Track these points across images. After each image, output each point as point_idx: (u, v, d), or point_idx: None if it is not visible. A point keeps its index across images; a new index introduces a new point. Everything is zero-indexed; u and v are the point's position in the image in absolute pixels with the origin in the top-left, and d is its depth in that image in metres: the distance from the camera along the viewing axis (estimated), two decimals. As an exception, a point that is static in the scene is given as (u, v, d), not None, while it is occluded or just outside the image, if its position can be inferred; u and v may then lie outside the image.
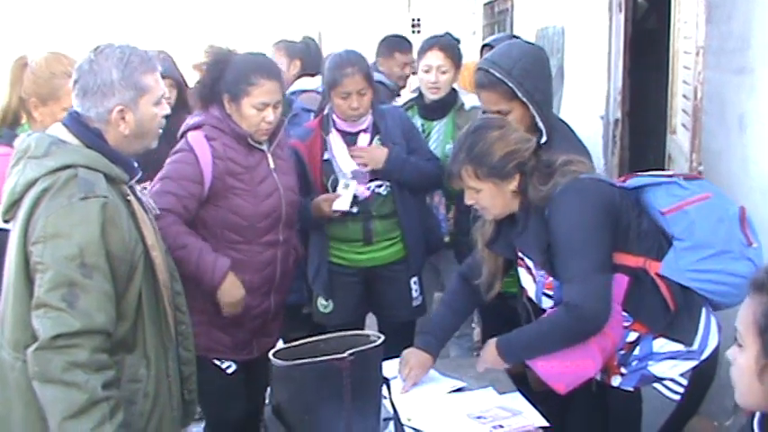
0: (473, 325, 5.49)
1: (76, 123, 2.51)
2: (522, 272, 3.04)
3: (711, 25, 3.75)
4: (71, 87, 2.55)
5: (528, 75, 3.27)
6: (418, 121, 4.42)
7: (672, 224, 2.83)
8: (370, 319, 4.29)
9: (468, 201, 2.97)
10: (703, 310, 2.86)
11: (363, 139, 4.00)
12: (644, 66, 6.10)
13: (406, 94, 5.45)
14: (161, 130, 2.66)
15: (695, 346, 2.83)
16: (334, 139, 3.98)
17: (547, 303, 2.95)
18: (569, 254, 2.76)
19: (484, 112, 3.44)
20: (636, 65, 5.80)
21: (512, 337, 2.93)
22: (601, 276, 2.74)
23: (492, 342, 2.97)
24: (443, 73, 4.41)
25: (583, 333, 2.77)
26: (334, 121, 4.01)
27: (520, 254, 3.00)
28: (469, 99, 4.47)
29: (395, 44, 5.73)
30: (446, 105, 4.44)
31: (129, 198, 2.54)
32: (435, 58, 4.42)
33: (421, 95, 4.52)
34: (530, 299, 3.08)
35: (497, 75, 3.26)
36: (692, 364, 2.84)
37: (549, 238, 2.81)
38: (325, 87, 4.03)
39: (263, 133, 3.47)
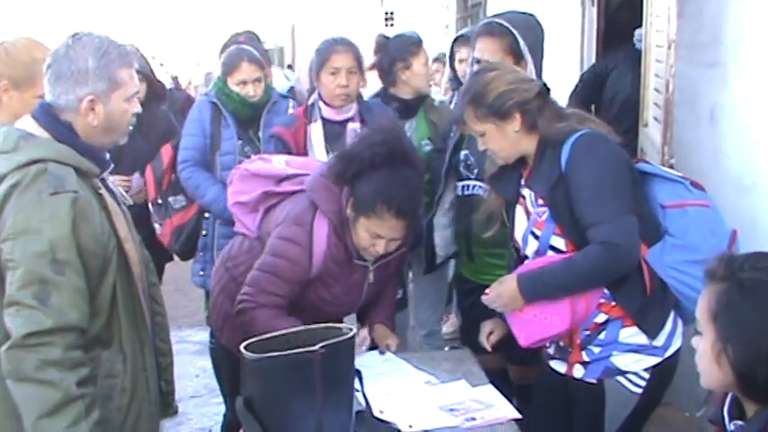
0: (443, 325, 5.50)
1: (46, 116, 2.46)
2: (518, 211, 3.02)
3: (683, 19, 3.76)
4: (44, 72, 2.49)
5: (529, 32, 3.52)
6: None
7: (669, 219, 2.84)
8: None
9: (480, 146, 2.99)
10: (673, 313, 2.90)
11: (351, 128, 4.00)
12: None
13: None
14: (131, 127, 2.61)
15: (660, 342, 2.85)
16: (315, 130, 3.98)
17: (531, 246, 2.93)
18: (600, 195, 2.75)
19: (478, 62, 3.52)
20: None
21: (535, 273, 2.87)
22: (632, 217, 2.76)
23: (511, 277, 2.91)
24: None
25: (617, 271, 2.78)
26: (319, 109, 4.01)
27: (524, 191, 3.00)
28: (434, 94, 4.56)
29: None
30: (416, 104, 4.40)
31: (100, 191, 2.49)
32: (423, 54, 4.45)
33: (386, 93, 4.44)
34: (516, 249, 3.10)
35: (504, 23, 3.48)
36: (656, 360, 2.86)
37: (566, 179, 2.80)
38: (312, 70, 4.02)
39: (370, 256, 3.20)
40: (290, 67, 11.88)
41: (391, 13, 11.78)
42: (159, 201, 4.67)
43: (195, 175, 4.46)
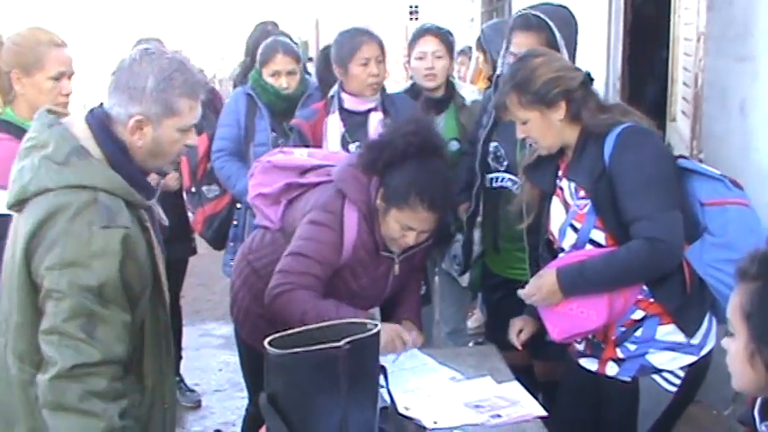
0: (468, 322, 5.47)
1: (102, 129, 2.36)
2: (555, 202, 2.99)
3: (713, 12, 3.72)
4: (110, 79, 2.38)
5: (564, 25, 3.50)
6: None
7: (708, 217, 2.80)
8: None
9: (520, 134, 2.94)
10: (709, 313, 2.87)
11: (375, 118, 3.99)
12: (643, 52, 6.07)
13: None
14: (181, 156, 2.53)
15: (696, 340, 2.83)
16: (332, 121, 3.97)
17: (569, 239, 2.89)
18: (646, 190, 2.72)
19: (514, 56, 3.47)
20: (635, 51, 5.76)
21: (575, 268, 2.82)
22: (677, 213, 2.73)
23: (550, 272, 2.87)
24: (438, 58, 4.31)
25: (661, 268, 2.75)
26: (341, 100, 4.00)
27: (561, 183, 2.96)
28: (468, 92, 4.45)
29: None
30: (444, 100, 4.35)
31: (146, 224, 2.42)
32: (429, 43, 4.33)
33: (414, 89, 4.42)
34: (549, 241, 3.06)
35: (540, 16, 3.46)
36: (692, 359, 2.83)
37: (611, 173, 2.76)
38: (337, 62, 4.00)
39: (398, 248, 3.17)
40: (310, 59, 11.83)
41: (416, 7, 11.75)
42: (193, 189, 4.73)
43: (228, 165, 4.48)
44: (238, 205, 4.56)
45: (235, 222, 4.61)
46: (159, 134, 2.36)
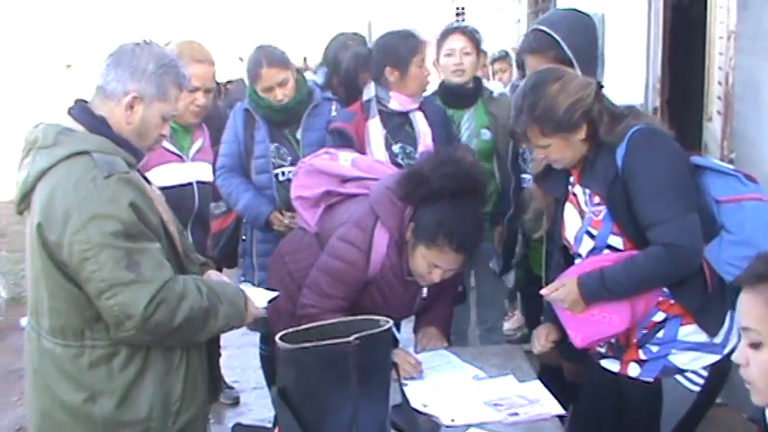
0: (506, 321, 5.47)
1: (83, 112, 2.53)
2: (569, 208, 2.95)
3: (746, 10, 3.69)
4: (108, 60, 2.56)
5: (574, 33, 3.36)
6: (447, 111, 4.35)
7: (724, 214, 2.76)
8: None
9: (538, 156, 2.90)
10: (730, 311, 2.82)
11: (419, 117, 4.02)
12: (687, 53, 6.01)
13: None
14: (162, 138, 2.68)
15: (719, 339, 2.79)
16: (374, 126, 3.99)
17: (585, 245, 2.86)
18: (661, 194, 2.68)
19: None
20: (678, 52, 5.71)
21: (595, 277, 2.78)
22: (695, 216, 2.69)
23: (572, 281, 2.83)
24: (466, 54, 4.37)
25: (681, 273, 2.72)
26: (385, 102, 4.00)
27: (575, 190, 2.93)
28: (494, 87, 4.54)
29: None
30: (474, 93, 4.41)
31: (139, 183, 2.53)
32: (457, 41, 4.40)
33: (443, 85, 4.46)
34: (564, 246, 3.03)
35: (544, 29, 3.35)
36: (715, 358, 2.80)
37: (624, 177, 2.72)
38: (392, 66, 3.97)
39: (424, 282, 3.19)
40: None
41: (462, 9, 11.75)
42: None
43: (228, 182, 4.35)
44: (244, 219, 4.44)
45: (243, 237, 4.52)
46: (147, 115, 2.54)
